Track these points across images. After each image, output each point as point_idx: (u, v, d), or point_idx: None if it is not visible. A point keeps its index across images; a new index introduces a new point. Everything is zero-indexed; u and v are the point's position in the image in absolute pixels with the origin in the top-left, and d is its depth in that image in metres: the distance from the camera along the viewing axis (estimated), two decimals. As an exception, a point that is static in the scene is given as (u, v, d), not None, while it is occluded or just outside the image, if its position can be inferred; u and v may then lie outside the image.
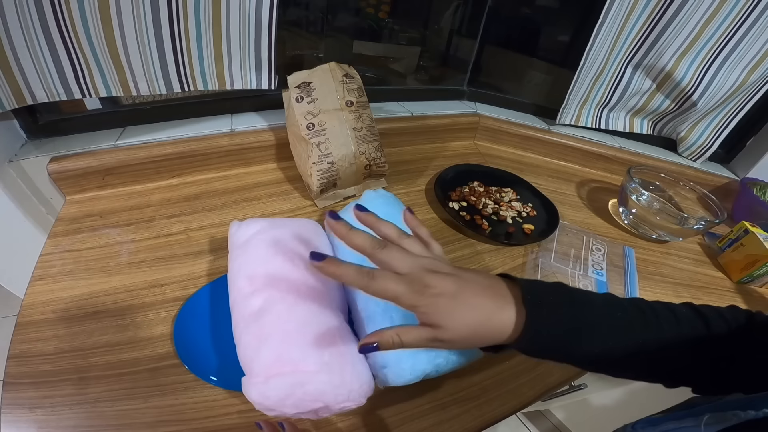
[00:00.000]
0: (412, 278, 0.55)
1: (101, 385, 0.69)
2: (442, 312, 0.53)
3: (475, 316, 0.54)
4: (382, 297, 0.55)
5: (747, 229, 1.22)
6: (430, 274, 0.55)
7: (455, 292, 0.54)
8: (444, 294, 0.54)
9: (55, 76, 0.93)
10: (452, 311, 0.53)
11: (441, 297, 0.53)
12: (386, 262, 0.57)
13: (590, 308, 0.58)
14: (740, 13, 1.26)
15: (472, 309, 0.54)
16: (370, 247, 0.58)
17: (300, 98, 1.06)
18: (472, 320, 0.54)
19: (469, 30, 1.63)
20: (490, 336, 0.56)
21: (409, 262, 0.57)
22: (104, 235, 0.97)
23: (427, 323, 0.54)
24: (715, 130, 1.55)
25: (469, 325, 0.54)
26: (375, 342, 0.56)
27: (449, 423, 0.74)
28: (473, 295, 0.55)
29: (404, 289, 0.54)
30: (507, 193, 1.34)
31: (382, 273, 0.55)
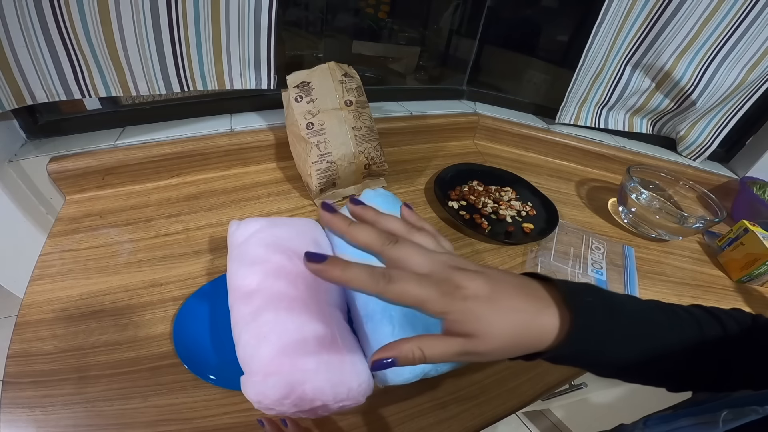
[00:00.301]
0: (438, 278, 0.46)
1: (101, 385, 0.70)
2: (480, 319, 0.45)
3: (514, 321, 0.46)
4: (404, 303, 0.45)
5: (747, 227, 1.22)
6: (457, 272, 0.47)
7: (490, 293, 0.46)
8: (479, 296, 0.45)
9: (55, 77, 0.93)
10: (490, 317, 0.45)
11: (475, 300, 0.45)
12: (402, 259, 0.47)
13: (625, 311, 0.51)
14: (739, 12, 1.26)
15: (512, 313, 0.46)
16: (379, 242, 0.48)
17: (299, 98, 1.06)
18: (512, 327, 0.46)
19: (468, 30, 1.64)
20: (530, 344, 0.48)
21: (430, 259, 0.47)
22: (104, 234, 0.97)
23: (459, 332, 0.45)
24: (714, 129, 1.55)
25: (508, 333, 0.46)
26: (391, 358, 0.46)
27: (449, 422, 0.74)
28: (509, 297, 0.47)
29: (431, 291, 0.44)
30: (506, 192, 1.34)
31: (400, 274, 0.45)
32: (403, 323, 0.70)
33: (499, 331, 0.45)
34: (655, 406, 0.66)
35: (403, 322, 0.70)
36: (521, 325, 0.46)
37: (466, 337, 0.45)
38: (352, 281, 0.44)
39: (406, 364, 0.46)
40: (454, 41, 1.70)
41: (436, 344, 0.46)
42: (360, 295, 0.78)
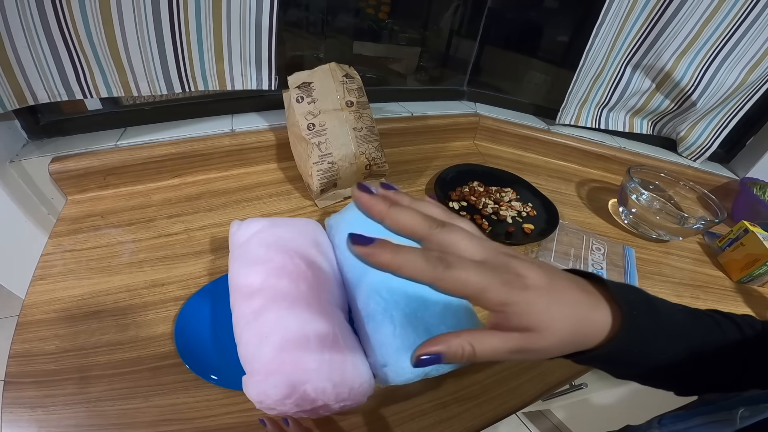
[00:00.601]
0: (496, 265, 0.41)
1: (102, 385, 0.70)
2: (542, 311, 0.41)
3: (573, 315, 0.43)
4: (460, 292, 0.39)
5: (747, 228, 1.22)
6: (513, 259, 0.42)
7: (550, 284, 0.42)
8: (539, 286, 0.41)
9: (56, 77, 0.93)
10: (551, 309, 0.41)
11: (537, 290, 0.41)
12: (452, 244, 0.41)
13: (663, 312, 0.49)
14: (739, 13, 1.26)
15: (571, 306, 0.43)
16: (426, 226, 0.42)
17: (300, 98, 1.06)
18: (571, 321, 0.43)
19: (468, 30, 1.64)
20: (583, 341, 0.45)
21: (481, 245, 0.42)
22: (105, 235, 0.97)
23: (517, 326, 0.41)
24: (714, 130, 1.55)
25: (568, 327, 0.42)
26: (439, 352, 0.41)
27: (450, 422, 0.74)
28: (566, 289, 0.44)
29: (491, 279, 0.39)
30: (507, 192, 1.34)
31: (459, 259, 0.39)
32: (404, 324, 0.70)
33: (559, 324, 0.42)
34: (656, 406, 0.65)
35: (404, 323, 0.70)
36: (579, 320, 0.43)
37: (524, 332, 0.41)
38: (404, 267, 0.38)
39: (453, 361, 0.41)
40: (454, 42, 1.70)
41: (489, 340, 0.42)
42: (361, 294, 0.78)
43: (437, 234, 0.41)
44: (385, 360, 0.69)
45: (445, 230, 0.41)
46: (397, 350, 0.68)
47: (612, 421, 1.21)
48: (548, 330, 0.41)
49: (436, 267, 0.38)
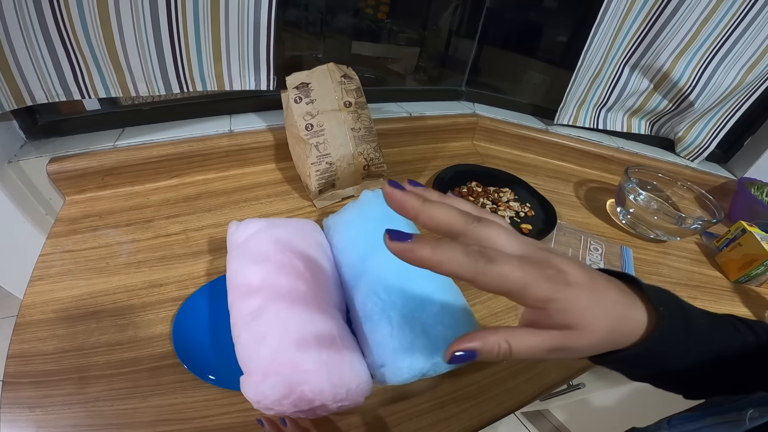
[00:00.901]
0: (538, 260, 0.39)
1: (101, 385, 0.70)
2: (583, 308, 0.39)
3: (613, 313, 0.42)
4: (501, 287, 0.38)
5: (744, 228, 1.22)
6: (553, 255, 0.41)
7: (589, 281, 0.41)
8: (580, 284, 0.40)
9: (54, 77, 0.93)
10: (593, 307, 0.40)
11: (578, 288, 0.39)
12: (490, 239, 0.40)
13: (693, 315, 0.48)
14: (737, 13, 1.26)
15: (611, 304, 0.42)
16: (462, 221, 0.40)
17: (298, 99, 1.07)
18: (611, 319, 0.41)
19: (467, 30, 1.64)
20: (620, 340, 0.43)
21: (519, 240, 0.41)
22: (104, 235, 0.98)
23: (557, 324, 0.40)
24: (712, 130, 1.55)
25: (606, 326, 0.41)
26: (474, 349, 0.40)
27: (447, 422, 0.75)
28: (605, 287, 0.42)
29: (534, 275, 0.38)
30: (505, 193, 1.34)
31: (500, 253, 0.38)
32: (402, 324, 0.70)
33: (599, 323, 0.40)
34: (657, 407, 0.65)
35: (401, 323, 0.70)
36: (617, 318, 0.42)
37: (564, 330, 0.40)
38: (444, 262, 0.37)
39: (488, 359, 0.40)
40: (453, 42, 1.70)
41: (527, 338, 0.41)
42: (358, 295, 0.79)
43: (474, 228, 0.40)
44: (383, 360, 0.69)
45: (481, 225, 0.40)
46: (395, 350, 0.68)
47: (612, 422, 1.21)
48: (588, 328, 0.40)
49: (477, 261, 0.36)
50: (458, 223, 0.40)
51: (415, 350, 0.69)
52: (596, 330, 0.40)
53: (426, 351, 0.70)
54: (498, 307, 0.98)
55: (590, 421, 1.89)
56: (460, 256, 0.36)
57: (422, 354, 0.69)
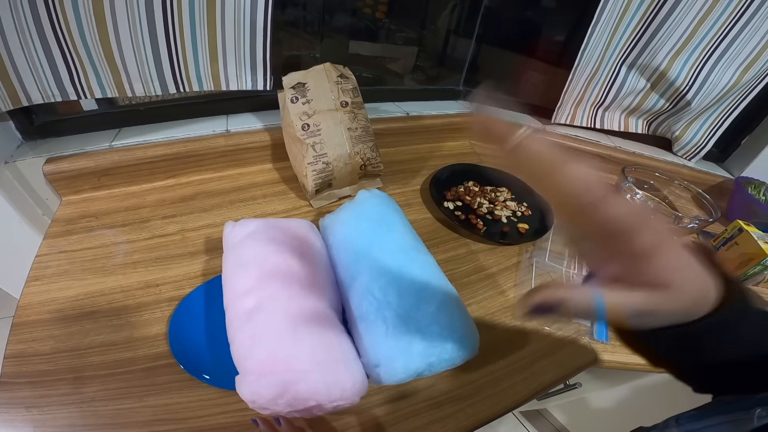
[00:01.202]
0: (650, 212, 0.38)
1: (97, 385, 0.70)
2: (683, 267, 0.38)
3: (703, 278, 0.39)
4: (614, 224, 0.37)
5: (741, 227, 1.22)
6: None
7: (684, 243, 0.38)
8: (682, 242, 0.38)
9: (50, 78, 0.93)
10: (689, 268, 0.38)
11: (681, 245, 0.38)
12: None
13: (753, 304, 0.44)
14: (733, 13, 1.26)
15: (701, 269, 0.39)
16: None
17: (295, 99, 1.06)
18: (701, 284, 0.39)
19: (465, 30, 1.63)
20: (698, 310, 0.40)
21: None
22: (100, 235, 0.98)
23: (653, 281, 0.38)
24: (709, 129, 1.55)
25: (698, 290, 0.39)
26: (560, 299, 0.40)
27: (443, 422, 0.75)
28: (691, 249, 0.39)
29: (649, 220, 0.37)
30: (502, 192, 1.34)
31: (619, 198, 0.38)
32: (397, 324, 0.71)
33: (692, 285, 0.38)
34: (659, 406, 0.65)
35: (396, 323, 0.71)
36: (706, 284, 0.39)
37: (658, 290, 0.38)
38: None
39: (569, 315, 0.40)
40: (451, 41, 1.70)
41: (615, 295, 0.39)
42: (354, 295, 0.79)
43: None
44: (378, 360, 0.69)
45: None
46: (390, 350, 0.69)
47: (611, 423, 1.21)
48: (682, 289, 0.38)
49: None
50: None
51: (410, 350, 0.69)
52: (689, 293, 0.38)
53: (422, 351, 0.70)
54: (494, 307, 0.98)
55: (589, 421, 1.88)
56: None
57: (418, 354, 0.69)
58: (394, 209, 0.98)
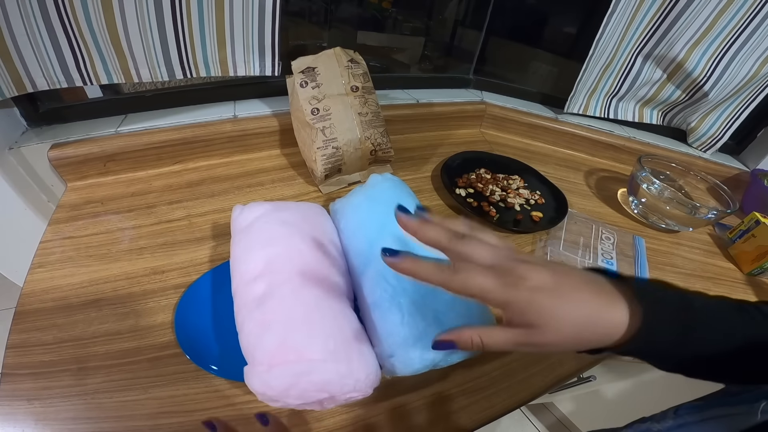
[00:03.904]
0: (502, 269, 0.48)
1: (101, 376, 0.69)
2: (542, 309, 0.46)
3: (580, 314, 0.47)
4: (468, 293, 0.48)
5: (758, 220, 1.20)
6: (521, 263, 0.48)
7: (555, 286, 0.47)
8: (542, 288, 0.46)
9: (56, 64, 0.92)
10: (554, 309, 0.46)
11: (539, 292, 0.46)
12: (468, 253, 0.50)
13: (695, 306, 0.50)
14: (754, 4, 1.24)
15: (577, 307, 0.47)
16: (446, 239, 0.51)
17: (304, 83, 1.05)
18: (578, 320, 0.47)
19: (475, 20, 1.62)
20: (595, 338, 0.48)
21: (494, 252, 0.50)
22: (105, 221, 0.96)
23: (521, 323, 0.47)
24: (726, 121, 1.53)
25: (573, 325, 0.46)
26: (452, 341, 0.51)
27: (457, 414, 0.73)
28: (575, 290, 0.48)
29: (494, 282, 0.47)
30: (515, 180, 1.33)
31: (465, 265, 0.49)
32: (413, 311, 0.69)
33: (562, 323, 0.46)
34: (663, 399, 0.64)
35: (412, 311, 0.69)
36: (587, 319, 0.47)
37: (528, 328, 0.47)
38: (420, 272, 0.50)
39: (465, 349, 0.51)
40: (459, 31, 1.68)
41: (495, 334, 0.49)
42: (367, 281, 0.77)
43: (455, 244, 0.51)
44: (393, 350, 0.67)
45: (462, 241, 0.51)
46: (405, 340, 0.67)
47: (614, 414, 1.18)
48: (548, 326, 0.46)
49: (443, 272, 0.49)
50: (443, 240, 0.51)
51: (426, 339, 0.67)
52: (559, 329, 0.46)
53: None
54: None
55: (592, 413, 1.88)
56: (432, 269, 0.50)
57: (434, 343, 0.68)
58: (407, 193, 0.97)
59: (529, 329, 0.47)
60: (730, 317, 0.51)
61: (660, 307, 0.47)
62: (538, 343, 0.47)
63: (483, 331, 0.50)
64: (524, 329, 0.47)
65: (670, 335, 0.48)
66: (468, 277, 0.47)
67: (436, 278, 0.49)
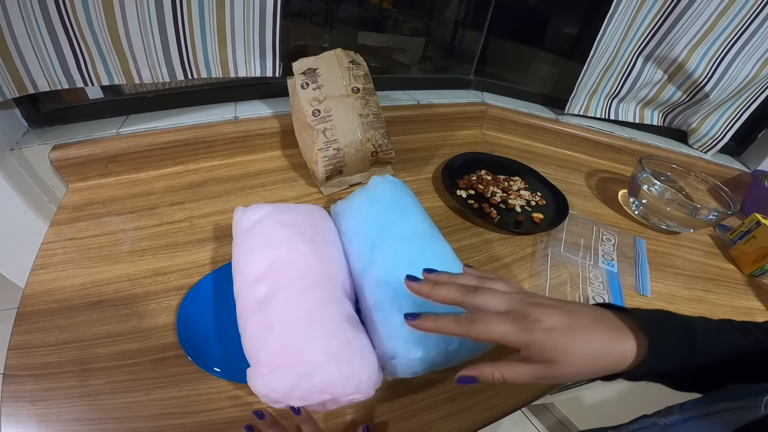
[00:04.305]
0: (517, 314, 0.53)
1: (103, 377, 0.69)
2: (558, 347, 0.50)
3: (593, 349, 0.51)
4: (488, 340, 0.53)
5: (759, 221, 1.20)
6: (534, 307, 0.53)
7: (568, 325, 0.52)
8: (557, 328, 0.51)
9: (57, 65, 0.92)
10: (569, 346, 0.51)
11: (554, 332, 0.51)
12: (483, 304, 0.55)
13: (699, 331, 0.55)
14: (755, 5, 1.24)
15: (591, 342, 0.52)
16: (461, 294, 0.56)
17: (305, 84, 1.05)
18: (591, 354, 0.51)
19: (475, 20, 1.62)
20: (607, 368, 0.52)
21: (507, 299, 0.55)
22: (107, 222, 0.96)
23: (540, 360, 0.51)
24: (727, 122, 1.53)
25: (587, 359, 0.51)
26: (474, 376, 0.55)
27: (459, 415, 0.73)
28: (587, 328, 0.52)
29: (511, 327, 0.51)
30: (515, 181, 1.33)
31: (482, 314, 0.53)
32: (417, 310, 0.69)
33: (577, 358, 0.50)
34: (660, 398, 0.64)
35: (413, 310, 0.69)
36: (599, 353, 0.51)
37: (546, 363, 0.51)
38: (441, 328, 0.54)
39: (486, 383, 0.54)
40: (460, 32, 1.68)
41: (516, 369, 0.53)
42: (368, 283, 0.77)
43: (470, 298, 0.55)
44: (394, 352, 0.67)
45: (476, 294, 0.55)
46: (407, 341, 0.67)
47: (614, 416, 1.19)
48: (564, 362, 0.50)
49: (462, 324, 0.53)
50: (458, 297, 0.56)
51: (428, 341, 0.67)
52: (575, 362, 0.50)
53: (439, 342, 0.68)
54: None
55: (592, 413, 1.87)
56: (451, 323, 0.54)
57: (436, 345, 0.68)
58: (408, 195, 0.97)
59: (547, 364, 0.51)
60: (732, 338, 0.55)
61: (664, 335, 0.52)
62: (556, 376, 0.51)
63: (504, 367, 0.53)
64: (543, 365, 0.51)
65: (674, 361, 0.52)
66: (487, 326, 0.52)
67: (456, 331, 0.53)
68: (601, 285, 1.03)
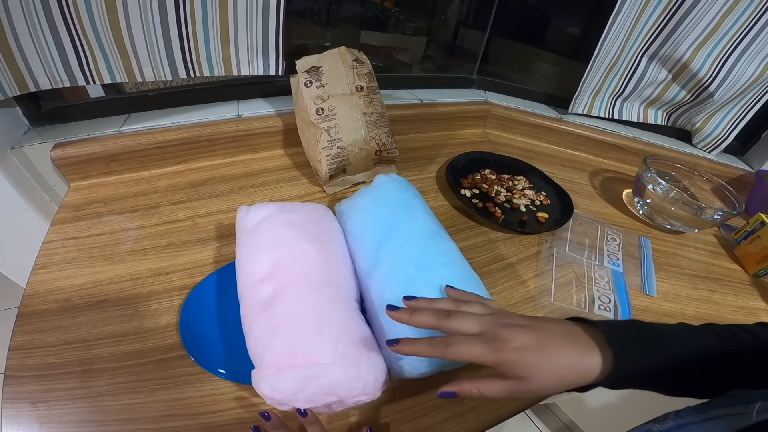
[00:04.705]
0: (488, 336, 0.56)
1: (105, 378, 0.68)
2: (528, 365, 0.54)
3: (561, 365, 0.55)
4: (461, 360, 0.58)
5: (763, 221, 1.20)
6: (504, 328, 0.57)
7: (536, 343, 0.55)
8: (526, 347, 0.54)
9: (59, 63, 0.92)
10: (538, 363, 0.54)
11: (524, 350, 0.54)
12: (456, 328, 0.58)
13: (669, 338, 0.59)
14: (759, 5, 1.24)
15: (558, 358, 0.55)
16: (436, 320, 0.59)
17: (309, 83, 1.04)
18: (560, 370, 0.55)
19: (478, 19, 1.61)
20: (577, 381, 0.56)
21: (479, 321, 0.58)
22: (108, 222, 0.96)
23: (512, 376, 0.55)
24: (731, 122, 1.52)
25: (556, 374, 0.55)
26: (453, 392, 0.57)
27: (465, 416, 0.73)
28: (556, 345, 0.56)
29: (482, 348, 0.55)
30: (520, 181, 1.33)
31: (455, 338, 0.57)
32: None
33: (547, 374, 0.54)
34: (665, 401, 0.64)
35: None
36: (567, 368, 0.55)
37: (518, 380, 0.54)
38: (418, 352, 0.58)
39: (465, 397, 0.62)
40: (463, 31, 1.68)
41: (491, 385, 0.56)
42: (374, 283, 0.77)
43: (444, 323, 0.59)
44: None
45: (450, 318, 0.59)
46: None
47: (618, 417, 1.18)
48: (535, 378, 0.54)
49: (437, 347, 0.56)
50: (433, 322, 0.60)
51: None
52: (544, 378, 0.54)
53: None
54: (515, 298, 0.97)
55: (594, 414, 1.87)
56: (427, 347, 0.57)
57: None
58: (414, 194, 0.97)
59: (519, 381, 0.54)
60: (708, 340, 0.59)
61: (627, 345, 0.56)
62: (528, 390, 0.55)
63: (480, 383, 0.56)
64: (515, 380, 0.54)
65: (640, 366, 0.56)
66: (459, 348, 0.55)
67: (432, 353, 0.57)
68: (607, 285, 1.03)
